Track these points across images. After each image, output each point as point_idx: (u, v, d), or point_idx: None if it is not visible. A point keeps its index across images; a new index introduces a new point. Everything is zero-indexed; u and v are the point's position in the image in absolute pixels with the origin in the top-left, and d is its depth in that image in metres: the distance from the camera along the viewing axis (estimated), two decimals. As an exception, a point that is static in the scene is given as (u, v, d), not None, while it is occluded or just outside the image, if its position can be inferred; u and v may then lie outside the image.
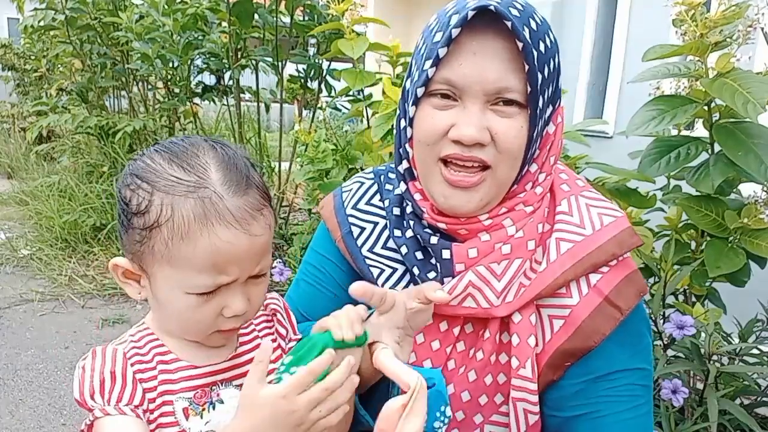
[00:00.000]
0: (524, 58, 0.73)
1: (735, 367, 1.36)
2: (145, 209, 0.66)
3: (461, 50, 0.75)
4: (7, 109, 8.02)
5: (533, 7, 0.79)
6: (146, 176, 0.68)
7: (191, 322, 0.70)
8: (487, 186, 0.79)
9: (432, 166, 0.81)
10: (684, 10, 1.37)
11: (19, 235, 4.44)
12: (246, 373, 0.75)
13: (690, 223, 1.53)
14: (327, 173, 2.23)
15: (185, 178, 0.67)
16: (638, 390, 0.82)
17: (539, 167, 0.84)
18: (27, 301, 3.35)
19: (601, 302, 0.79)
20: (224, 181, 0.68)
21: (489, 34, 0.75)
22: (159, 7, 3.58)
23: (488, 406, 0.84)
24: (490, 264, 0.80)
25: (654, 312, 1.34)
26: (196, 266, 0.66)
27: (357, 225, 0.94)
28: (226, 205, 0.66)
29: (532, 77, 0.74)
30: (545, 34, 0.77)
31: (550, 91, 0.79)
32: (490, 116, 0.77)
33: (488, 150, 0.77)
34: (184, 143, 0.71)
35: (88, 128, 4.49)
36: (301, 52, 3.61)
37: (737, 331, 1.57)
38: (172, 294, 0.69)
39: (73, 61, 4.88)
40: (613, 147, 2.73)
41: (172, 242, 0.65)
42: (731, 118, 1.43)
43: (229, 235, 0.66)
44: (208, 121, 5.72)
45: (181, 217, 0.65)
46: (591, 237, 0.81)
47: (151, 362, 0.71)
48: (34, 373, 2.60)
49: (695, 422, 1.30)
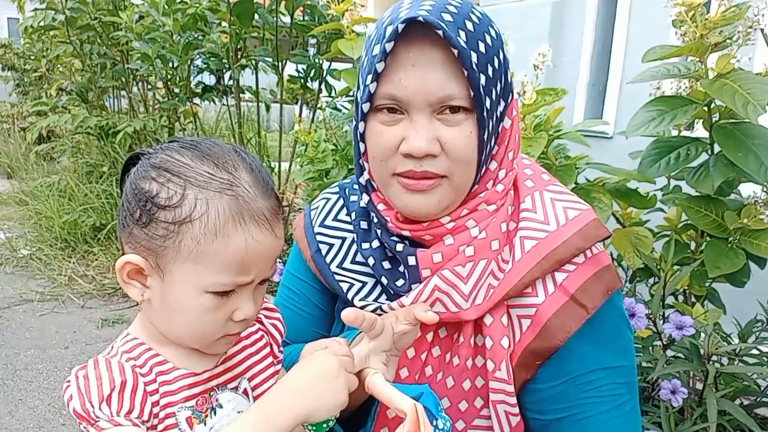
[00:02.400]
0: (461, 64, 0.72)
1: (734, 368, 1.36)
2: (177, 203, 0.65)
3: (400, 63, 0.74)
4: (7, 109, 8.02)
5: (470, 4, 0.77)
6: (177, 170, 0.67)
7: (201, 325, 0.69)
8: (443, 189, 0.79)
9: (388, 179, 0.81)
10: (684, 10, 1.37)
11: (18, 235, 4.44)
12: (239, 375, 0.76)
13: (690, 223, 1.53)
14: (327, 173, 2.23)
15: (219, 175, 0.67)
16: (620, 388, 0.82)
17: (498, 164, 0.83)
18: (27, 301, 3.35)
19: (566, 301, 0.78)
20: (254, 182, 0.68)
21: (426, 44, 0.73)
22: (159, 7, 3.58)
23: (469, 411, 0.83)
24: (455, 267, 0.80)
25: (654, 312, 1.34)
26: (222, 264, 0.65)
27: (325, 242, 0.94)
28: (258, 205, 0.67)
29: (473, 81, 0.73)
30: (485, 33, 0.76)
31: (500, 88, 0.78)
32: (437, 126, 0.76)
33: (440, 160, 0.76)
34: (208, 142, 0.70)
35: (88, 128, 4.49)
36: (301, 52, 3.61)
37: (737, 331, 1.57)
38: (188, 294, 0.67)
39: (73, 61, 4.88)
40: (613, 147, 2.73)
41: (205, 238, 0.64)
42: (731, 119, 1.43)
43: (261, 234, 0.67)
44: (208, 121, 5.72)
45: (216, 214, 0.65)
46: (555, 233, 0.80)
47: (151, 374, 0.69)
48: (33, 373, 2.60)
49: (695, 422, 1.30)
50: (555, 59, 1.60)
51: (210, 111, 5.89)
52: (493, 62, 0.76)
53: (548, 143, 1.51)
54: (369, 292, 0.89)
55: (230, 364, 0.77)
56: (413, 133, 0.75)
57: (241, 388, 0.77)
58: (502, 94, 0.79)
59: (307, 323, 0.98)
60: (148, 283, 0.69)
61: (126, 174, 0.72)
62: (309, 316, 0.98)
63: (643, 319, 1.25)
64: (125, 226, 0.69)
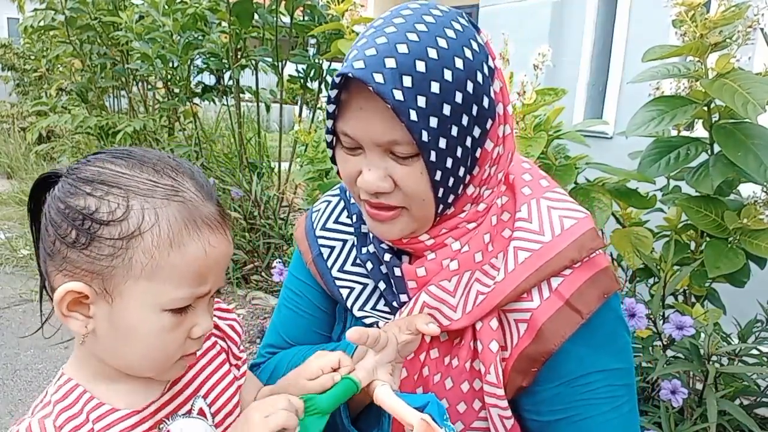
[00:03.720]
0: (398, 118, 0.70)
1: (734, 368, 1.36)
2: (122, 216, 0.59)
3: (350, 106, 0.74)
4: (7, 109, 8.02)
5: (434, 35, 0.72)
6: (115, 180, 0.60)
7: (159, 349, 0.64)
8: (403, 220, 0.79)
9: (359, 201, 0.82)
10: (684, 10, 1.37)
11: (18, 235, 4.44)
12: (191, 396, 0.72)
13: (689, 223, 1.53)
14: (327, 173, 2.23)
15: (162, 181, 0.62)
16: (618, 390, 0.81)
17: (478, 186, 0.81)
18: (26, 301, 3.35)
19: (561, 306, 0.78)
20: (197, 186, 0.64)
21: (370, 91, 0.71)
22: (159, 7, 3.58)
23: (468, 413, 0.84)
24: (440, 282, 0.80)
25: (654, 312, 1.34)
26: (180, 276, 0.61)
27: (326, 246, 0.94)
28: (207, 209, 0.63)
29: (414, 131, 0.70)
30: (443, 68, 0.71)
31: (466, 120, 0.75)
32: (390, 163, 0.75)
33: (395, 195, 0.77)
34: (139, 150, 0.65)
35: (88, 128, 4.50)
36: (301, 52, 3.61)
37: (737, 331, 1.57)
38: (143, 315, 0.61)
39: (73, 61, 4.89)
40: (613, 147, 2.73)
41: (158, 250, 0.59)
42: (731, 119, 1.43)
43: (216, 239, 0.63)
44: (208, 121, 5.72)
45: (168, 223, 0.60)
46: (549, 244, 0.79)
47: (87, 422, 0.63)
48: (33, 373, 2.60)
49: (695, 423, 1.30)
50: (555, 59, 1.60)
51: (210, 111, 5.89)
52: (450, 100, 0.72)
53: (548, 143, 1.51)
54: (369, 296, 0.89)
55: (178, 388, 0.71)
56: (365, 170, 0.76)
57: (196, 409, 0.72)
58: (475, 121, 0.76)
59: (308, 324, 0.99)
60: (92, 311, 0.62)
61: (37, 200, 0.66)
62: (310, 318, 0.98)
63: (643, 319, 1.25)
64: (56, 253, 0.61)
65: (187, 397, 0.71)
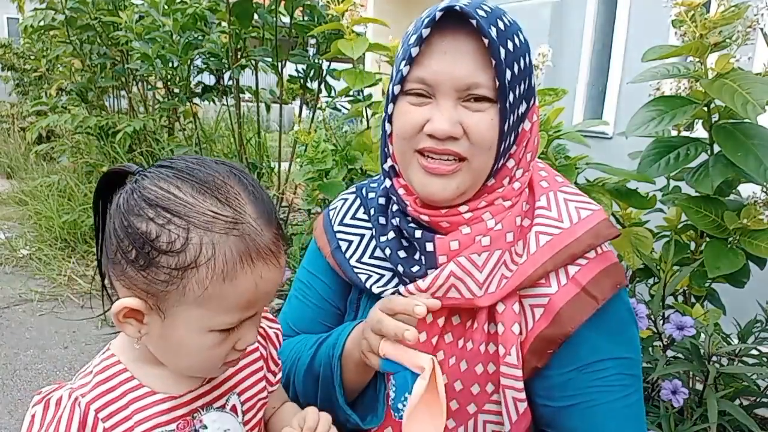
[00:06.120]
0: (491, 54, 0.77)
1: (734, 368, 1.36)
2: (181, 248, 0.60)
3: (433, 50, 0.80)
4: (6, 109, 8.02)
5: (503, 10, 0.83)
6: (176, 209, 0.61)
7: (203, 359, 0.67)
8: (462, 174, 0.83)
9: (410, 157, 0.85)
10: (683, 10, 1.37)
11: (18, 234, 4.44)
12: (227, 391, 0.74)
13: (689, 223, 1.53)
14: (327, 173, 2.23)
15: (222, 212, 0.62)
16: (627, 379, 0.85)
17: (516, 163, 0.87)
18: (26, 301, 3.35)
19: (578, 292, 0.82)
20: (258, 213, 0.64)
21: (459, 35, 0.79)
22: (159, 7, 3.57)
23: (480, 395, 0.86)
24: (470, 255, 0.83)
25: (654, 312, 1.34)
26: (229, 305, 0.63)
27: (344, 240, 0.99)
28: (264, 240, 0.63)
29: (499, 72, 0.78)
30: (514, 35, 0.81)
31: (522, 88, 0.82)
32: (462, 112, 0.81)
33: (462, 143, 0.81)
34: (204, 169, 0.64)
35: (88, 128, 4.50)
36: (301, 52, 3.60)
37: (736, 331, 1.57)
38: (191, 334, 0.64)
39: (73, 61, 4.88)
40: (613, 147, 2.73)
41: (211, 282, 0.60)
42: (731, 119, 1.43)
43: (269, 271, 0.64)
44: (208, 121, 5.72)
45: (224, 257, 0.61)
46: (568, 230, 0.85)
47: (122, 399, 0.67)
48: (33, 373, 2.60)
49: (695, 423, 1.30)
50: (555, 59, 1.60)
51: (210, 111, 5.89)
52: (519, 62, 0.81)
53: (548, 143, 1.51)
54: (387, 282, 0.93)
55: (217, 382, 0.74)
56: (438, 115, 0.80)
57: (230, 405, 0.75)
58: (525, 94, 0.83)
59: (313, 314, 1.03)
60: (146, 320, 0.65)
61: (105, 193, 0.68)
62: (315, 308, 1.03)
63: (644, 319, 1.25)
64: (117, 263, 0.63)
65: (223, 392, 0.74)
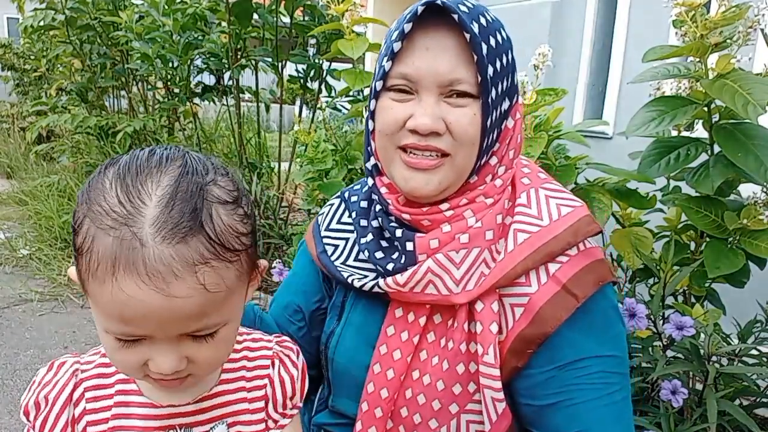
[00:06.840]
0: (472, 49, 0.78)
1: (734, 368, 1.36)
2: (76, 230, 0.58)
3: (415, 46, 0.80)
4: (6, 109, 8.01)
5: (485, 7, 0.84)
6: (90, 193, 0.58)
7: (115, 361, 0.62)
8: (445, 170, 0.83)
9: (392, 153, 0.85)
10: (684, 10, 1.37)
11: (18, 234, 4.44)
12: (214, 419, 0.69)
13: (689, 223, 1.53)
14: (327, 173, 2.23)
15: (116, 209, 0.55)
16: (612, 377, 0.84)
17: (499, 160, 0.87)
18: (26, 300, 3.35)
19: (558, 290, 0.82)
20: (158, 221, 0.54)
21: (441, 30, 0.79)
22: (159, 7, 3.57)
23: (462, 395, 0.86)
24: (448, 252, 0.84)
25: (654, 312, 1.34)
26: (105, 310, 0.57)
27: (330, 244, 1.01)
28: (146, 254, 0.53)
29: (481, 68, 0.78)
30: (497, 31, 0.82)
31: (505, 85, 0.83)
32: (444, 107, 0.81)
33: (444, 139, 0.81)
34: (151, 160, 0.60)
35: (88, 128, 4.49)
36: (301, 52, 3.60)
37: (736, 331, 1.57)
38: (98, 326, 0.60)
39: (73, 61, 4.88)
40: (613, 148, 2.73)
41: (88, 275, 0.57)
42: (731, 119, 1.43)
43: (135, 290, 0.53)
44: (208, 121, 5.72)
45: (96, 255, 0.55)
46: (547, 227, 0.84)
47: (110, 388, 0.65)
48: (33, 373, 2.58)
49: (695, 423, 1.30)
50: (555, 59, 1.60)
51: (210, 111, 5.89)
52: (501, 58, 0.81)
53: (548, 143, 1.51)
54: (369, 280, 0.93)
55: (205, 406, 0.69)
56: (420, 111, 0.81)
57: None
58: (507, 92, 0.84)
59: (285, 288, 1.08)
60: None
61: None
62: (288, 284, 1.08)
63: (643, 319, 1.25)
64: None
65: (210, 418, 0.69)
